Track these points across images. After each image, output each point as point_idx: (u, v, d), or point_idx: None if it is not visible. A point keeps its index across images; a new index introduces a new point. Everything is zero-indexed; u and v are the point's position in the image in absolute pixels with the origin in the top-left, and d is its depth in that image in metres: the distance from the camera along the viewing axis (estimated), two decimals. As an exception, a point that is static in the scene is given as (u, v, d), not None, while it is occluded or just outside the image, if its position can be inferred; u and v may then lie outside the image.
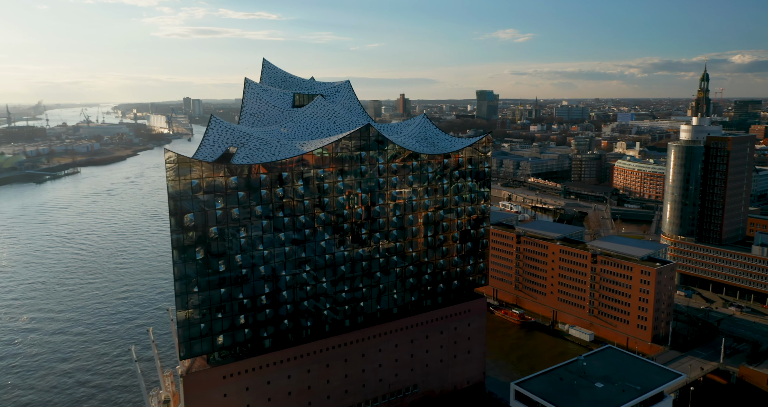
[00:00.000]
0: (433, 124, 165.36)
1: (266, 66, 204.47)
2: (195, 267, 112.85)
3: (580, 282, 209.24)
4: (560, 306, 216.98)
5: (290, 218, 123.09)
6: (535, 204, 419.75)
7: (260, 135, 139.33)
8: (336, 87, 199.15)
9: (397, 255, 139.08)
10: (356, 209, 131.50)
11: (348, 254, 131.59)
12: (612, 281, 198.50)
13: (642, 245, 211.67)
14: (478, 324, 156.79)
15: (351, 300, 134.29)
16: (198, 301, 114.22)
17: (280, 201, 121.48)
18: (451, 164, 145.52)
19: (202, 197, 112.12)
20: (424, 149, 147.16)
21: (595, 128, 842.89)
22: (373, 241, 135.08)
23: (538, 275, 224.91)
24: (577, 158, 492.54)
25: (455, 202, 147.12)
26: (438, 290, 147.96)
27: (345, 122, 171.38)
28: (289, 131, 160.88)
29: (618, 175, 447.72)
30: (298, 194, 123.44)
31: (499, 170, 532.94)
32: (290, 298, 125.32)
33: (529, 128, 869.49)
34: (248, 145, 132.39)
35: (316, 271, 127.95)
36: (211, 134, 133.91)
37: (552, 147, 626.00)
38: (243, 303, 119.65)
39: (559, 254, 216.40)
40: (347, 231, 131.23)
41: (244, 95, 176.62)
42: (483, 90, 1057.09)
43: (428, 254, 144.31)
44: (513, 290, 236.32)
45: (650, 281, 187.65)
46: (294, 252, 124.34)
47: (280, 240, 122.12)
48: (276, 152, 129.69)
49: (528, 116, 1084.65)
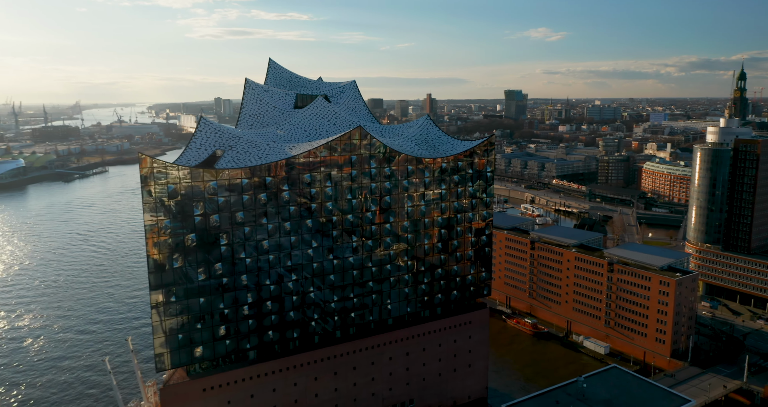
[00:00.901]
0: (435, 126, 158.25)
1: (272, 66, 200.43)
2: (172, 276, 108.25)
3: (596, 292, 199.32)
4: (575, 316, 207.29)
5: (275, 224, 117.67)
6: (558, 207, 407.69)
7: (250, 138, 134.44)
8: (341, 87, 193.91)
9: (390, 264, 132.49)
10: (346, 216, 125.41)
11: (338, 263, 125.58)
12: (629, 292, 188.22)
13: (663, 253, 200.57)
14: (480, 337, 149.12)
15: (341, 311, 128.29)
16: (176, 311, 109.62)
17: (263, 207, 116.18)
18: (450, 168, 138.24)
19: (179, 203, 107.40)
20: (422, 152, 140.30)
21: (626, 129, 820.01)
22: (364, 249, 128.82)
23: (552, 283, 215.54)
24: (604, 160, 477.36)
25: (455, 208, 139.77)
26: (435, 300, 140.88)
27: (345, 124, 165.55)
28: (286, 133, 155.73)
29: (646, 177, 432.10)
30: (283, 199, 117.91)
31: (523, 172, 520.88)
32: (275, 308, 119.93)
33: (557, 128, 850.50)
34: (236, 148, 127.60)
35: (303, 280, 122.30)
36: (199, 137, 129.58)
37: (580, 148, 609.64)
38: (224, 313, 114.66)
39: (574, 261, 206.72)
40: (336, 238, 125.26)
41: (244, 96, 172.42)
42: (511, 90, 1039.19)
43: (425, 262, 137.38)
44: (527, 298, 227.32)
45: (669, 292, 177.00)
46: (279, 260, 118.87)
47: (264, 248, 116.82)
48: (264, 155, 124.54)
49: (558, 116, 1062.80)
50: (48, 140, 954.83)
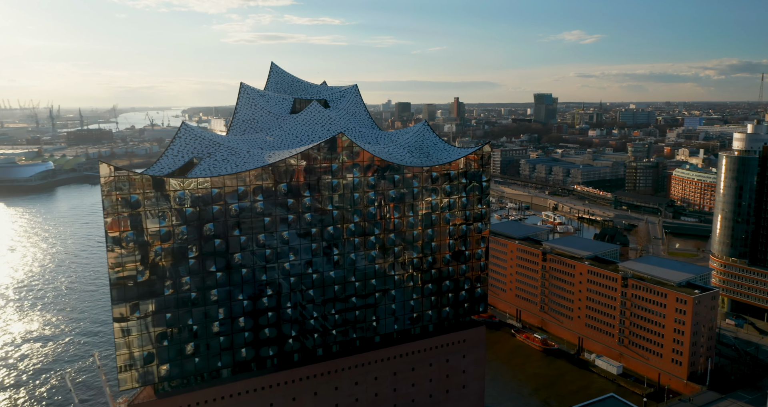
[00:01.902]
0: (432, 132, 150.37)
1: (274, 70, 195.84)
2: (137, 290, 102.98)
3: (609, 308, 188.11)
4: (587, 332, 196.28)
5: (248, 236, 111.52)
6: (581, 215, 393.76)
7: (231, 144, 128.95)
8: (342, 92, 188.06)
9: (375, 279, 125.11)
10: (326, 228, 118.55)
11: (317, 277, 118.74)
12: (644, 309, 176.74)
13: (682, 268, 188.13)
14: (476, 356, 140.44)
15: (322, 328, 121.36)
16: (140, 327, 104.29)
17: (235, 218, 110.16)
18: (442, 177, 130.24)
19: (143, 214, 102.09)
20: (413, 160, 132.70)
21: (659, 133, 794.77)
22: (346, 262, 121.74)
23: (564, 297, 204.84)
24: (632, 166, 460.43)
25: (447, 219, 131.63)
26: (425, 317, 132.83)
27: (339, 130, 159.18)
28: (275, 140, 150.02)
29: (676, 185, 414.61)
30: (257, 210, 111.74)
31: (548, 178, 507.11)
32: (249, 325, 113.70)
33: (587, 132, 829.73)
34: (215, 155, 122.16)
35: (281, 295, 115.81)
36: (177, 143, 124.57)
37: (608, 154, 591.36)
38: (193, 330, 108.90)
39: (586, 275, 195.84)
40: (317, 252, 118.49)
41: (238, 101, 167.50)
42: (541, 93, 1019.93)
43: (413, 277, 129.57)
44: (538, 312, 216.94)
45: (686, 310, 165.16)
46: (253, 274, 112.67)
47: (236, 261, 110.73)
48: (241, 163, 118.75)
49: (589, 120, 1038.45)
50: (82, 143, 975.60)
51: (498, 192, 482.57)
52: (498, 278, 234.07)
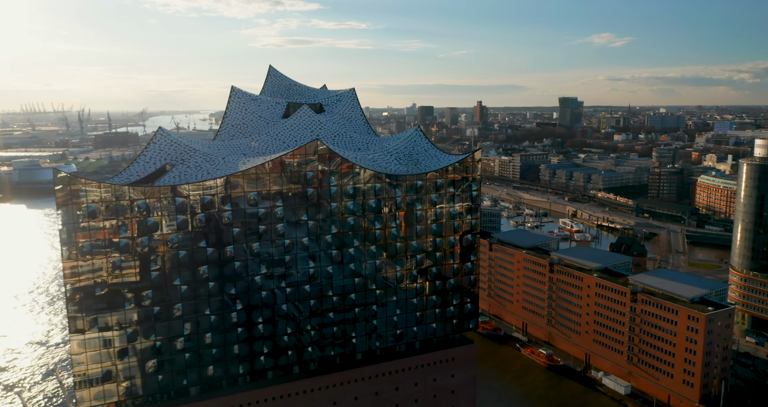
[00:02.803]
0: (424, 138, 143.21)
1: (272, 73, 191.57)
2: (94, 304, 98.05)
3: (618, 323, 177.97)
4: (595, 348, 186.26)
5: (216, 248, 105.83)
6: (601, 222, 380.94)
7: (208, 151, 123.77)
8: (338, 96, 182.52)
9: (355, 293, 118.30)
10: (301, 239, 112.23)
11: (291, 291, 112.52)
12: (654, 326, 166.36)
13: (697, 282, 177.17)
14: (466, 375, 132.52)
15: (296, 345, 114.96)
16: (100, 343, 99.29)
17: (201, 229, 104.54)
18: (427, 187, 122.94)
19: (101, 223, 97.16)
20: (398, 168, 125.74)
21: (688, 138, 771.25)
22: (323, 276, 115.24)
23: (571, 310, 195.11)
24: (655, 172, 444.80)
25: (433, 231, 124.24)
26: (410, 333, 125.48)
27: (330, 135, 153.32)
28: (260, 145, 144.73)
29: (701, 192, 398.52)
30: (226, 220, 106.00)
31: (568, 183, 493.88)
32: (217, 341, 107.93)
33: (612, 137, 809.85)
34: (188, 162, 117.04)
35: (250, 310, 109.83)
36: (151, 149, 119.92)
37: (632, 159, 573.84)
38: (156, 346, 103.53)
39: (594, 288, 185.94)
40: (290, 264, 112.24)
41: (228, 105, 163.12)
42: (566, 97, 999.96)
43: (396, 291, 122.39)
44: (545, 326, 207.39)
45: (699, 329, 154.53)
46: (221, 288, 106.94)
47: (202, 274, 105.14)
48: (214, 171, 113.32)
49: (616, 124, 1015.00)
50: (108, 145, 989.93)
51: (516, 198, 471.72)
52: (505, 288, 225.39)
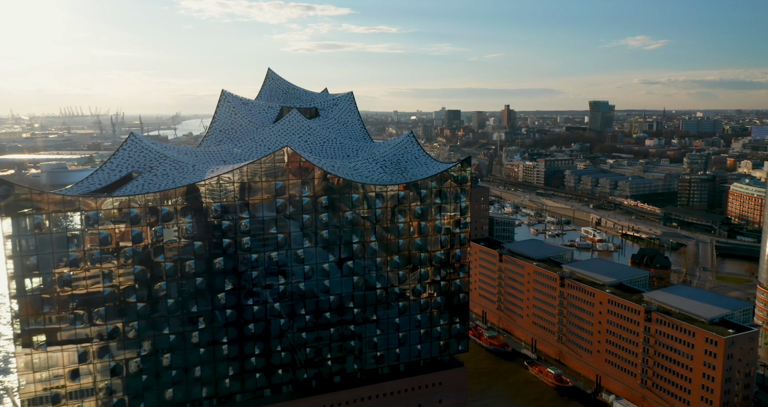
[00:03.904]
0: (416, 144, 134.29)
1: (270, 76, 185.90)
2: (43, 322, 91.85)
3: (631, 344, 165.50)
4: (607, 369, 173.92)
5: (174, 263, 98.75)
6: (625, 232, 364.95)
7: (180, 157, 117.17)
8: (335, 100, 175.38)
9: (330, 312, 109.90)
10: (269, 254, 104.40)
11: (258, 310, 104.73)
12: (670, 348, 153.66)
13: (717, 301, 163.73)
14: (455, 401, 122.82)
15: (265, 367, 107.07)
16: (48, 363, 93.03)
17: (159, 242, 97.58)
18: (411, 197, 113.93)
19: (49, 236, 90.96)
20: (380, 177, 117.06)
21: (723, 144, 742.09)
22: (295, 293, 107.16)
23: (582, 328, 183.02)
24: (685, 179, 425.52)
25: (417, 245, 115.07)
26: (392, 355, 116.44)
27: (318, 141, 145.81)
28: (243, 152, 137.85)
29: (733, 200, 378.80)
30: (186, 233, 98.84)
31: (593, 190, 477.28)
32: (177, 362, 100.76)
33: (644, 142, 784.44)
34: (156, 169, 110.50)
35: (215, 329, 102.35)
36: (120, 155, 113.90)
37: (663, 165, 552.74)
38: (111, 368, 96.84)
39: (607, 305, 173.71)
40: (257, 281, 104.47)
41: (217, 110, 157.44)
42: (596, 100, 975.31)
43: (376, 310, 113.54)
44: (555, 343, 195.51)
45: (717, 353, 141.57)
46: (181, 306, 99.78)
47: (161, 291, 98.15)
48: (181, 179, 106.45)
49: (648, 128, 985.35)
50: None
51: (539, 204, 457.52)
52: (515, 302, 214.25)
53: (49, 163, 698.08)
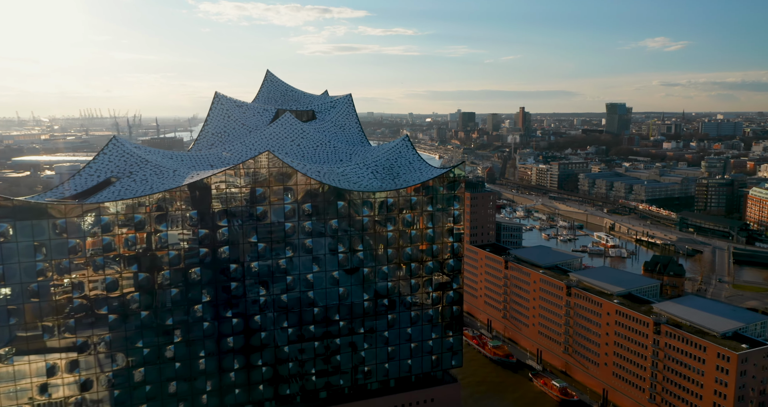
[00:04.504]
0: (411, 148, 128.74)
1: (268, 78, 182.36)
2: (8, 333, 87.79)
3: (640, 357, 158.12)
4: (614, 382, 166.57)
5: (147, 274, 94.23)
6: (640, 237, 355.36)
7: (164, 162, 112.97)
8: (333, 102, 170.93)
9: (314, 324, 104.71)
10: (250, 264, 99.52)
11: (238, 322, 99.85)
12: (679, 362, 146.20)
13: (731, 313, 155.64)
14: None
15: (246, 382, 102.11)
16: (14, 376, 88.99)
17: (131, 252, 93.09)
18: (401, 205, 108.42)
19: (15, 245, 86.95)
20: (370, 183, 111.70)
21: (744, 147, 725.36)
22: (276, 305, 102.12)
23: (590, 339, 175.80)
24: (702, 183, 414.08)
25: (407, 255, 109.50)
26: (381, 370, 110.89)
27: (311, 144, 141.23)
28: (233, 155, 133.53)
29: (752, 205, 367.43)
30: (160, 242, 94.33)
31: (608, 194, 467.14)
32: (151, 377, 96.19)
33: (661, 145, 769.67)
34: (136, 175, 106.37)
35: (190, 343, 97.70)
36: (100, 160, 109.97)
37: (680, 168, 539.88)
38: (80, 381, 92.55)
39: (614, 316, 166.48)
40: (236, 292, 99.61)
41: (210, 112, 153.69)
42: (613, 102, 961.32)
43: (364, 323, 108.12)
44: (562, 354, 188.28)
45: (729, 369, 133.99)
46: (155, 317, 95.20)
47: (132, 303, 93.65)
48: (159, 185, 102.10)
49: (667, 131, 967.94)
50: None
51: (551, 208, 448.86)
52: (520, 311, 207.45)
53: (63, 164, 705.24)
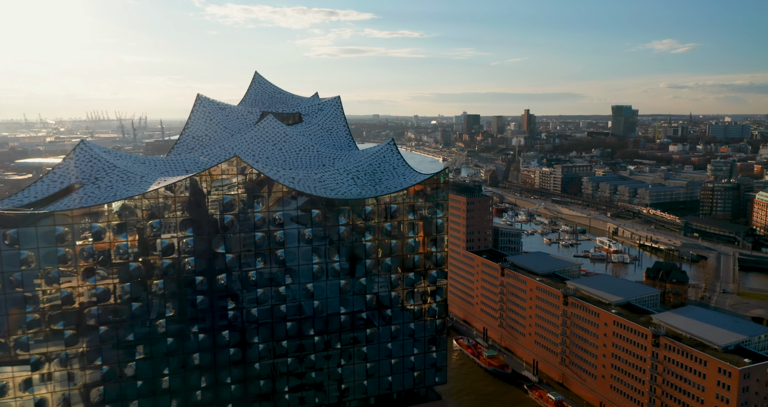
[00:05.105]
0: (396, 153, 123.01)
1: (256, 80, 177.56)
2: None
3: (638, 370, 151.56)
4: (612, 396, 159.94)
5: (106, 286, 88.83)
6: (643, 242, 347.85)
7: (135, 168, 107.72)
8: (320, 105, 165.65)
9: (287, 339, 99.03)
10: (217, 277, 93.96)
11: (204, 338, 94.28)
12: (679, 377, 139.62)
13: (734, 326, 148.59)
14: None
15: (214, 401, 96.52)
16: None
17: (88, 264, 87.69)
18: (380, 213, 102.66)
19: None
20: (350, 189, 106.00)
21: (751, 150, 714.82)
22: (247, 319, 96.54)
23: (587, 350, 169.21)
24: (708, 187, 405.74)
25: (386, 266, 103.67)
26: (359, 387, 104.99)
27: (294, 149, 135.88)
28: (211, 160, 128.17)
29: (759, 210, 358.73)
30: (119, 252, 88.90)
31: (612, 198, 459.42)
32: (110, 396, 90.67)
33: (667, 148, 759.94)
34: (101, 181, 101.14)
35: (153, 360, 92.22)
36: (65, 166, 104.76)
37: (686, 172, 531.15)
38: (36, 400, 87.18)
39: (612, 326, 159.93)
40: (202, 305, 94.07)
41: (191, 115, 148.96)
42: (619, 105, 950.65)
43: (341, 338, 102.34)
44: (558, 365, 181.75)
45: (731, 385, 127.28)
46: (115, 333, 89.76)
47: (89, 318, 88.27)
48: (124, 191, 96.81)
49: (674, 133, 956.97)
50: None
51: (554, 212, 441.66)
52: (517, 319, 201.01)
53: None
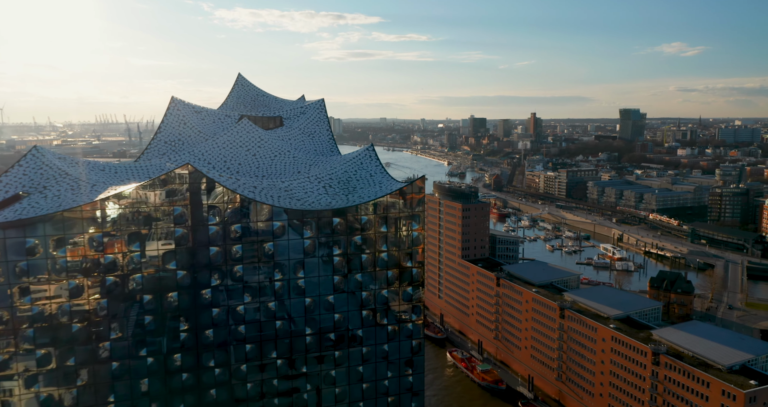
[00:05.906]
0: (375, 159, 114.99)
1: (239, 82, 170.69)
2: None
3: (638, 390, 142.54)
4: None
5: (44, 307, 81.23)
6: (649, 249, 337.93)
7: (91, 175, 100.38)
8: (303, 108, 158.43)
9: (246, 363, 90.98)
10: (167, 296, 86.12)
11: (153, 362, 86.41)
12: (681, 398, 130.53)
13: (739, 343, 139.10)
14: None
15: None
16: None
17: (18, 283, 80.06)
18: (350, 225, 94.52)
19: None
20: (319, 199, 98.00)
21: (761, 154, 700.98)
22: (201, 343, 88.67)
23: (584, 366, 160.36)
24: (716, 193, 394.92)
25: (357, 282, 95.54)
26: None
27: (268, 154, 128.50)
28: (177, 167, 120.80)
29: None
30: (56, 268, 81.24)
31: (617, 203, 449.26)
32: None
33: (676, 151, 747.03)
34: (49, 190, 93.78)
35: (94, 388, 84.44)
36: (12, 173, 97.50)
37: (694, 176, 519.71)
38: (-35, 432, 79.90)
39: (610, 342, 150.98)
40: (150, 327, 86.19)
41: (164, 119, 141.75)
42: (627, 108, 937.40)
43: (307, 361, 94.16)
44: (554, 381, 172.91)
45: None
46: (56, 358, 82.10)
47: (27, 339, 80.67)
48: (69, 201, 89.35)
49: (682, 137, 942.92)
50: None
51: (558, 218, 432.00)
52: (512, 332, 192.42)
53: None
